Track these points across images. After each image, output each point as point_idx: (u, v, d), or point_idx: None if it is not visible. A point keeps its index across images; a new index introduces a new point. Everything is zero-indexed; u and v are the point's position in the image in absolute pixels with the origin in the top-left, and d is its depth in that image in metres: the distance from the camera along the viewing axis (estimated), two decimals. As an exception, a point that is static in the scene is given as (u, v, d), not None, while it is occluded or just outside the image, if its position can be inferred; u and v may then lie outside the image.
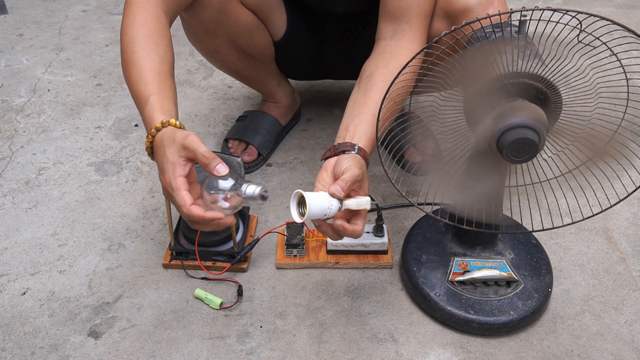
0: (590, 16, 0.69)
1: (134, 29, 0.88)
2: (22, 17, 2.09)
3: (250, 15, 1.15)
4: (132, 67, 0.86)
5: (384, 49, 1.01)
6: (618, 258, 1.10)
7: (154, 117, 0.81)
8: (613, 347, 0.94)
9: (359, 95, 0.97)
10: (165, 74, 0.87)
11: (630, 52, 0.74)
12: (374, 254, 1.08)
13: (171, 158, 0.77)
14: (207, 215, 0.76)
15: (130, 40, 0.88)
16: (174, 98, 0.86)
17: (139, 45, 0.87)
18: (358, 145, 0.90)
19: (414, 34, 1.00)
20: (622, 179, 0.86)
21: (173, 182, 0.76)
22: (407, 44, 1.00)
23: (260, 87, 1.38)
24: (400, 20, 1.00)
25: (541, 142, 0.74)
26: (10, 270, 1.08)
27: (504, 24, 0.82)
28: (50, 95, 1.63)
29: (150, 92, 0.83)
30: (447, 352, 0.93)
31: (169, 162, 0.77)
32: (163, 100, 0.83)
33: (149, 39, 0.88)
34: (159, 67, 0.86)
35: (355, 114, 0.94)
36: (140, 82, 0.85)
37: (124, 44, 0.89)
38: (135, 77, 0.85)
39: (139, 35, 0.88)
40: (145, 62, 0.86)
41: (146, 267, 1.09)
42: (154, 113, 0.82)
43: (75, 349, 0.94)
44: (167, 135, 0.79)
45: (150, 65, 0.86)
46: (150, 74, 0.85)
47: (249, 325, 0.98)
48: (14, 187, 1.29)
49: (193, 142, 0.76)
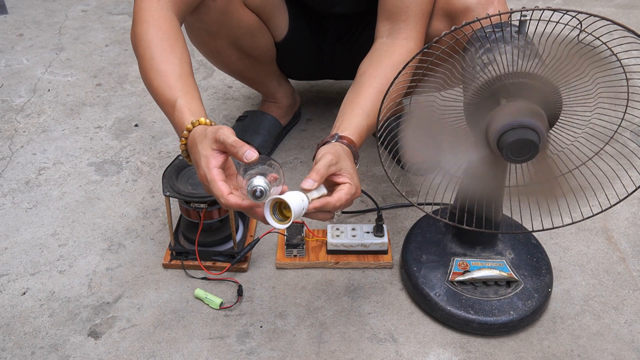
0: (590, 16, 0.69)
1: (149, 35, 0.87)
2: (22, 17, 2.09)
3: (252, 16, 1.15)
4: (154, 73, 0.85)
5: (380, 47, 1.02)
6: (618, 258, 1.10)
7: (184, 120, 0.81)
8: (613, 347, 0.94)
9: (350, 93, 0.97)
10: (186, 76, 0.86)
11: (630, 52, 0.74)
12: (374, 254, 1.08)
13: (203, 152, 0.76)
14: (245, 203, 0.74)
15: (147, 46, 0.87)
16: (199, 98, 0.85)
17: (156, 50, 0.86)
18: (339, 134, 0.89)
19: (411, 32, 1.00)
20: (622, 179, 0.86)
21: (208, 175, 0.75)
22: (403, 41, 1.00)
23: (261, 87, 1.38)
24: (398, 19, 1.00)
25: (541, 142, 0.74)
26: (10, 270, 1.08)
27: (504, 24, 0.82)
28: (50, 95, 1.63)
29: (176, 95, 0.83)
30: (447, 352, 0.93)
31: (201, 156, 0.76)
32: (190, 102, 0.83)
33: (165, 43, 0.87)
34: (179, 69, 0.86)
35: (345, 111, 0.95)
36: (164, 87, 0.84)
37: (140, 50, 0.87)
38: (159, 83, 0.85)
39: (155, 41, 0.87)
40: (165, 66, 0.85)
41: (146, 267, 1.09)
42: (183, 116, 0.81)
43: (75, 349, 0.94)
44: (199, 133, 0.78)
45: (171, 69, 0.85)
46: (172, 77, 0.84)
47: (249, 325, 0.98)
48: (14, 187, 1.29)
49: (223, 134, 0.75)
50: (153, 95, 0.87)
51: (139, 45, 0.88)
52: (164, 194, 1.00)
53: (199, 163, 0.77)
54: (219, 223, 1.06)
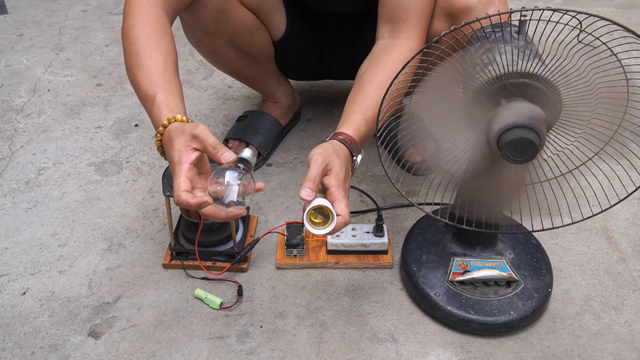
0: (590, 16, 0.69)
1: (136, 30, 0.88)
2: (22, 17, 2.09)
3: (249, 15, 1.15)
4: (137, 68, 0.86)
5: (380, 47, 1.02)
6: (618, 258, 1.10)
7: (161, 115, 0.82)
8: (613, 347, 0.94)
9: (350, 95, 0.98)
10: (169, 72, 0.87)
11: (630, 52, 0.74)
12: (374, 254, 1.08)
13: (177, 147, 0.76)
14: (193, 201, 0.73)
15: (133, 42, 0.88)
16: (180, 95, 0.86)
17: (142, 46, 0.87)
18: (334, 132, 0.90)
19: (412, 31, 1.00)
20: (622, 179, 0.86)
21: (177, 168, 0.75)
22: (403, 41, 1.00)
23: (260, 87, 1.38)
24: (398, 19, 1.00)
25: (541, 142, 0.74)
26: (10, 270, 1.08)
27: (504, 24, 0.82)
28: (50, 95, 1.63)
29: (156, 91, 0.84)
30: (447, 352, 0.93)
31: (175, 150, 0.76)
32: (169, 98, 0.83)
33: (152, 39, 0.88)
34: (162, 66, 0.86)
35: (344, 111, 0.96)
36: (145, 82, 0.85)
37: (127, 46, 0.89)
38: (141, 78, 0.86)
39: (142, 36, 0.88)
40: (149, 62, 0.86)
41: (146, 267, 1.09)
42: (160, 112, 0.82)
43: (75, 349, 0.94)
44: (175, 128, 0.78)
45: (154, 65, 0.86)
46: (154, 74, 0.85)
47: (249, 325, 0.98)
48: (14, 187, 1.29)
49: (202, 132, 0.75)
50: (135, 90, 0.88)
51: (125, 41, 0.89)
52: (164, 194, 1.00)
53: (172, 158, 0.77)
54: (219, 223, 1.06)
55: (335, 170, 0.84)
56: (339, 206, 0.81)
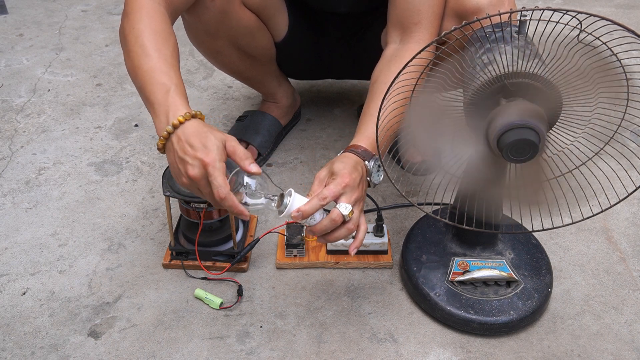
0: (590, 16, 0.69)
1: (142, 24, 0.86)
2: (22, 17, 2.09)
3: (252, 16, 1.15)
4: (145, 57, 0.84)
5: (391, 53, 1.01)
6: (618, 258, 1.10)
7: (180, 106, 0.80)
8: (613, 347, 0.94)
9: (365, 105, 0.98)
10: (177, 69, 0.86)
11: (630, 52, 0.74)
12: (374, 254, 1.08)
13: (218, 142, 0.77)
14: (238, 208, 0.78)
15: (139, 34, 0.85)
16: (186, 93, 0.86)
17: (149, 39, 0.85)
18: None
19: (423, 34, 0.99)
20: (622, 179, 0.86)
21: (218, 163, 0.76)
22: (414, 45, 0.98)
23: (261, 87, 1.38)
24: (409, 23, 0.99)
25: (541, 142, 0.74)
26: (10, 270, 1.08)
27: (504, 24, 0.82)
28: (50, 95, 1.63)
29: (172, 81, 0.82)
30: (447, 352, 0.93)
31: (215, 142, 0.77)
32: (184, 93, 0.83)
33: (159, 34, 0.86)
34: (171, 61, 0.85)
35: (359, 123, 0.97)
36: (156, 71, 0.82)
37: (132, 37, 0.86)
38: (150, 66, 0.83)
39: (148, 30, 0.86)
40: (159, 54, 0.84)
41: (146, 267, 1.09)
42: (178, 101, 0.80)
43: (75, 349, 0.94)
44: (204, 125, 0.79)
45: (164, 58, 0.84)
46: (165, 65, 0.84)
47: (249, 325, 0.98)
48: (14, 187, 1.29)
49: (234, 140, 0.79)
50: (141, 78, 0.84)
51: (130, 33, 0.86)
52: (164, 194, 1.00)
53: (209, 148, 0.77)
54: (219, 223, 1.06)
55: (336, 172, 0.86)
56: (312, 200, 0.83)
